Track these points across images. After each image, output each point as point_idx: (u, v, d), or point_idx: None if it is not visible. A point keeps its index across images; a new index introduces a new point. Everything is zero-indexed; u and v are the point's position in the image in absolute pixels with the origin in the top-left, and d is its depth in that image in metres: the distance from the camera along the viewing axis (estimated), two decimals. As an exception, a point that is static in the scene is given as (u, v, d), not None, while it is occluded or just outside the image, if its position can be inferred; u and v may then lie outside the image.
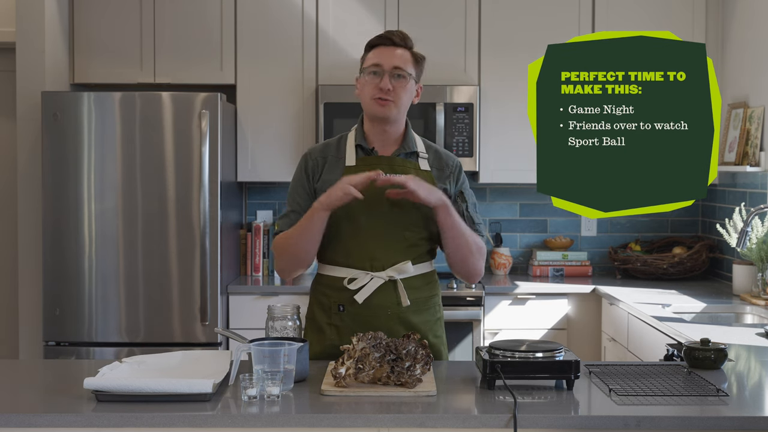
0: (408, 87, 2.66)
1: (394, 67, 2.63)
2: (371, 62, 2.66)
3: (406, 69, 2.65)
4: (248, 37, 4.77)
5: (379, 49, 2.67)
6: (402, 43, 2.68)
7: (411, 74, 2.66)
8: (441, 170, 2.74)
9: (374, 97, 2.64)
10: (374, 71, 2.64)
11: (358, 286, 2.63)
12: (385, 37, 2.68)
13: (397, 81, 2.64)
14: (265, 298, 4.50)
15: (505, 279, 4.85)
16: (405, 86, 2.65)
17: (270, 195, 5.14)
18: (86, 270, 4.31)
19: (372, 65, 2.65)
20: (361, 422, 2.07)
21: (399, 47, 2.67)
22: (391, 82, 2.63)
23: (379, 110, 2.65)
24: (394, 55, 2.65)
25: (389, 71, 2.63)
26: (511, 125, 4.76)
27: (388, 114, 2.65)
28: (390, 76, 2.63)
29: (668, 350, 2.76)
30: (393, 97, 2.64)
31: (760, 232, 4.01)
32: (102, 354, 4.31)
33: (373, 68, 2.65)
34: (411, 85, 2.67)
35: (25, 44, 4.49)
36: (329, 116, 4.63)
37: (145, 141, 4.31)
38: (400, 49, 2.67)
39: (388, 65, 2.64)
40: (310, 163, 2.74)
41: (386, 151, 2.72)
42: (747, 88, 4.45)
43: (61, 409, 2.12)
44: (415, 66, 2.68)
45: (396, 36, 2.68)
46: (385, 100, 2.64)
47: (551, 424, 2.09)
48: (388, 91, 2.63)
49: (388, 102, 2.64)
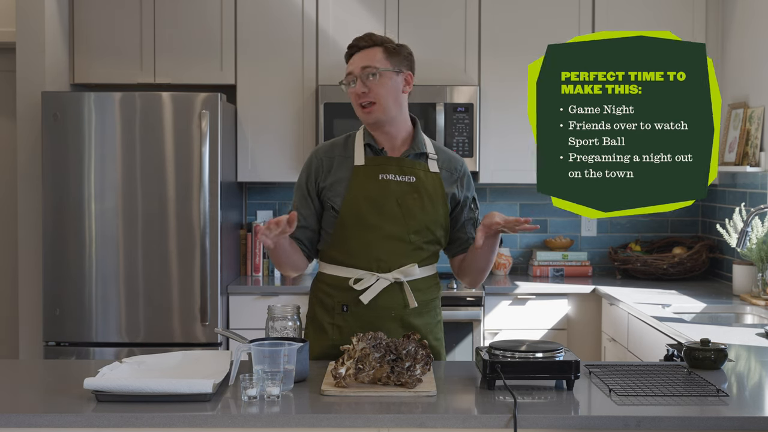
0: (386, 81, 2.64)
1: (363, 68, 2.63)
2: (346, 73, 2.68)
3: (376, 64, 2.63)
4: (248, 37, 4.78)
5: (350, 59, 2.69)
6: (368, 43, 2.67)
7: (384, 67, 2.64)
8: (450, 173, 2.74)
9: (358, 104, 2.66)
10: (349, 81, 2.66)
11: (364, 287, 2.62)
12: (352, 45, 2.69)
13: (371, 80, 2.63)
14: (265, 298, 4.50)
15: (505, 279, 4.85)
16: (382, 82, 2.63)
17: (270, 195, 5.14)
18: (86, 270, 4.31)
19: (346, 76, 2.68)
20: (361, 422, 2.07)
21: (365, 48, 2.66)
22: (365, 84, 2.63)
23: (365, 117, 2.67)
24: (360, 57, 2.66)
25: (359, 74, 2.63)
26: (511, 125, 4.76)
27: (375, 119, 2.66)
28: (362, 78, 2.63)
29: (668, 350, 2.76)
30: (373, 98, 2.63)
31: (760, 232, 4.01)
32: (102, 354, 4.31)
33: (347, 78, 2.67)
34: (390, 78, 2.65)
35: (25, 44, 4.49)
36: (329, 116, 4.63)
37: (145, 141, 4.31)
38: (367, 49, 2.66)
39: (357, 69, 2.64)
40: (314, 163, 2.73)
41: (395, 152, 2.71)
42: (747, 88, 4.45)
43: (61, 409, 2.12)
44: (389, 58, 2.66)
45: (361, 39, 2.68)
46: (369, 105, 2.64)
47: (551, 425, 2.09)
48: (364, 94, 2.63)
49: (371, 106, 2.64)
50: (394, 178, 2.66)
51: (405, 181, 2.66)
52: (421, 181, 2.68)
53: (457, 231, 2.76)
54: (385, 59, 2.65)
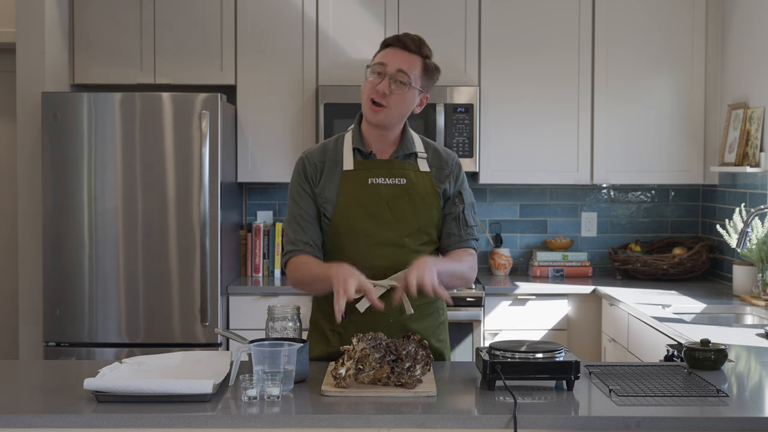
0: (407, 96, 2.57)
1: (398, 70, 2.55)
2: (377, 60, 2.59)
3: (410, 74, 2.56)
4: (248, 38, 4.78)
5: (390, 50, 2.59)
6: (415, 49, 2.58)
7: (414, 82, 2.57)
8: (440, 169, 2.68)
9: (370, 98, 2.57)
10: (377, 71, 2.57)
11: (360, 295, 2.55)
12: (399, 39, 2.59)
13: (397, 87, 2.56)
14: (265, 298, 4.50)
15: (505, 280, 4.85)
16: (403, 94, 2.56)
17: (270, 195, 5.14)
18: (86, 270, 4.31)
19: (377, 63, 2.58)
20: (361, 423, 2.07)
21: (410, 52, 2.58)
22: (390, 87, 2.55)
23: (371, 115, 2.59)
24: (402, 58, 2.57)
25: (391, 74, 2.55)
26: (511, 125, 4.77)
27: (379, 121, 2.59)
28: (391, 79, 2.55)
29: (668, 351, 2.76)
30: (388, 103, 2.56)
31: (760, 232, 4.01)
32: (102, 355, 4.31)
33: (377, 67, 2.57)
34: (411, 94, 2.58)
35: (25, 45, 4.49)
36: (329, 117, 4.63)
37: (145, 141, 4.31)
38: (411, 54, 2.58)
39: (392, 67, 2.56)
40: (309, 168, 2.66)
41: (384, 154, 2.66)
42: (747, 89, 4.45)
43: (61, 409, 2.12)
44: (423, 75, 2.60)
45: (411, 40, 2.58)
46: (380, 106, 2.57)
47: (551, 425, 2.09)
48: (384, 95, 2.55)
49: (381, 108, 2.57)
50: (384, 182, 2.61)
51: (395, 183, 2.62)
52: (411, 182, 2.63)
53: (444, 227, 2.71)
54: (420, 76, 2.59)
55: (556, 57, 4.78)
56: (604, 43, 4.77)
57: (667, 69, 4.79)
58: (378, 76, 2.57)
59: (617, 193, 5.16)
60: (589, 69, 4.78)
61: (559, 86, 4.78)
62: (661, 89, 4.80)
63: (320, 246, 2.67)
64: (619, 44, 4.78)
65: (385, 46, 2.62)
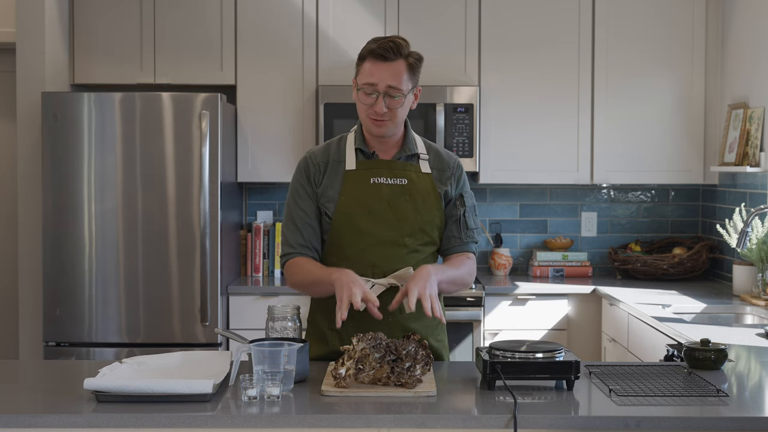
0: (405, 101, 2.60)
1: (388, 86, 2.55)
2: (365, 80, 2.57)
3: (401, 86, 2.56)
4: (248, 38, 4.78)
5: (372, 65, 2.57)
6: (394, 56, 2.57)
7: (405, 88, 2.58)
8: (442, 171, 2.70)
9: (369, 117, 2.60)
10: (368, 92, 2.58)
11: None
12: (377, 52, 2.56)
13: (392, 101, 2.57)
14: (265, 298, 4.50)
15: (505, 279, 4.85)
16: (401, 102, 2.59)
17: (270, 195, 5.14)
18: (86, 270, 4.31)
19: (366, 84, 2.58)
20: (361, 423, 2.07)
21: (392, 61, 2.56)
22: (385, 105, 2.56)
23: (375, 130, 2.62)
24: (387, 72, 2.55)
25: (383, 91, 2.56)
26: (511, 125, 4.77)
27: (385, 132, 2.62)
28: (384, 97, 2.56)
29: (668, 351, 2.76)
30: (389, 117, 2.59)
31: (760, 232, 4.01)
32: (102, 354, 4.31)
33: (367, 88, 2.58)
34: (407, 99, 2.61)
35: (25, 44, 4.49)
36: (329, 117, 4.63)
37: (145, 141, 4.31)
38: (393, 63, 2.56)
39: (381, 85, 2.55)
40: (311, 168, 2.68)
41: (387, 155, 2.68)
42: (747, 89, 4.45)
43: (61, 409, 2.12)
44: (411, 75, 2.60)
45: (388, 50, 2.56)
46: (381, 121, 2.59)
47: (551, 425, 2.09)
48: (383, 114, 2.58)
49: (383, 122, 2.59)
50: (386, 181, 2.63)
51: (396, 183, 2.64)
52: (413, 182, 2.65)
53: (445, 229, 2.73)
54: (408, 79, 2.59)
55: (556, 57, 4.78)
56: (604, 43, 4.77)
57: (667, 68, 4.79)
58: (370, 97, 2.58)
59: (617, 192, 5.16)
60: (589, 69, 4.78)
61: (559, 86, 4.78)
62: (661, 89, 4.80)
63: (318, 248, 2.69)
64: (619, 44, 4.78)
65: (363, 59, 2.60)
